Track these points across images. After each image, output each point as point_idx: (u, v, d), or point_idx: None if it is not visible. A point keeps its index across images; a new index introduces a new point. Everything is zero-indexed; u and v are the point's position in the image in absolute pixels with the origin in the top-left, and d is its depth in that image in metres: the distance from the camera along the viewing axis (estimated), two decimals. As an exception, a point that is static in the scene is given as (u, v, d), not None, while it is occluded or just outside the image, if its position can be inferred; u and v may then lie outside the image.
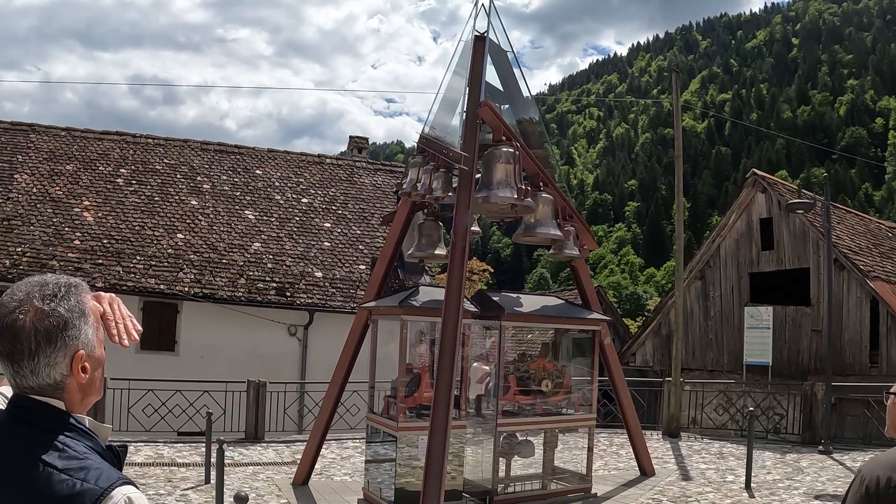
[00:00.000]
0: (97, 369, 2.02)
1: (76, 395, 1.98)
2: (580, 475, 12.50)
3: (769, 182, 26.28)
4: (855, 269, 22.76)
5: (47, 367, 1.91)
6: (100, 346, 2.04)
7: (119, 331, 2.12)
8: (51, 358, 1.91)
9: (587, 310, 12.88)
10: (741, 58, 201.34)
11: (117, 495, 1.80)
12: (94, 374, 2.01)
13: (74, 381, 1.96)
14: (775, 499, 11.97)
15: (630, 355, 29.04)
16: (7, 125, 26.00)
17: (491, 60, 11.45)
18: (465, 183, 10.00)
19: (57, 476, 1.79)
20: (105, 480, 1.81)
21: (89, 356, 1.98)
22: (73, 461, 1.83)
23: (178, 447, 15.12)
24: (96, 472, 1.83)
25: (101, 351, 2.04)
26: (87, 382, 1.99)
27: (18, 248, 21.49)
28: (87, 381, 1.99)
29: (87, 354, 1.97)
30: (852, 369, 22.52)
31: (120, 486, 1.82)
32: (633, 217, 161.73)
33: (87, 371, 1.98)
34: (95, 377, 2.02)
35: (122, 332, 2.12)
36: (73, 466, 1.81)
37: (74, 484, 1.78)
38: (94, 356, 2.00)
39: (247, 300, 22.59)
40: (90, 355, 1.98)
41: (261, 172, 27.67)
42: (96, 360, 2.01)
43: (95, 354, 2.01)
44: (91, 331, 2.00)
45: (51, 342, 1.91)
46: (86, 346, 1.97)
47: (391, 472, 10.52)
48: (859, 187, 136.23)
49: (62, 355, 1.92)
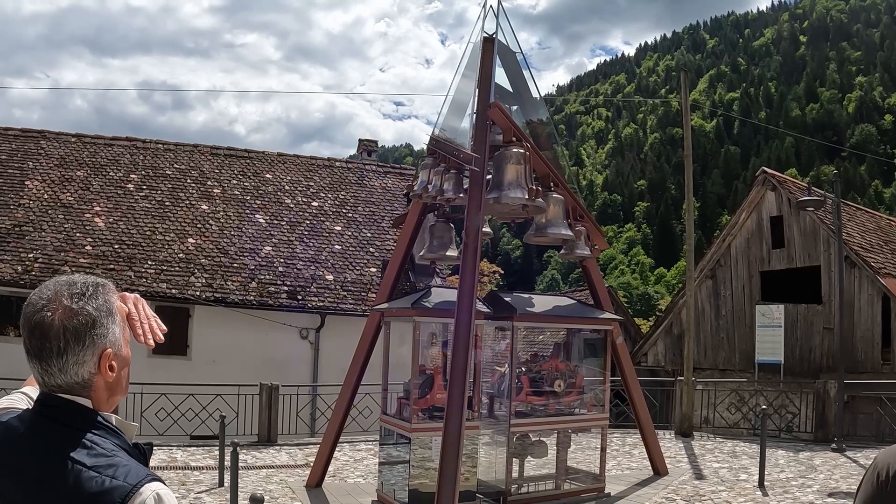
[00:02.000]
0: (124, 368, 2.06)
1: (103, 393, 2.00)
2: (593, 475, 12.51)
3: (779, 180, 26.23)
4: (866, 266, 22.69)
5: (76, 365, 1.93)
6: (126, 346, 2.06)
7: (144, 330, 2.14)
8: (79, 356, 1.93)
9: (599, 309, 12.88)
10: (749, 56, 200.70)
11: (146, 491, 1.82)
12: (121, 373, 2.04)
13: (102, 379, 1.98)
14: (789, 497, 11.95)
15: (641, 355, 28.99)
16: (17, 132, 26.14)
17: (500, 62, 11.45)
18: (476, 184, 10.01)
19: (86, 473, 1.81)
20: (134, 477, 1.83)
21: (116, 355, 2.01)
22: (101, 458, 1.85)
23: (191, 451, 15.17)
24: (125, 468, 1.85)
25: (128, 350, 2.07)
26: (114, 381, 2.02)
27: (30, 254, 21.59)
28: (114, 380, 2.02)
29: (114, 353, 2.00)
30: (864, 367, 22.44)
31: (149, 482, 1.84)
32: (642, 217, 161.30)
33: (115, 370, 2.01)
34: (122, 376, 2.05)
35: (147, 332, 2.15)
36: (102, 464, 1.83)
37: (104, 481, 1.80)
38: (121, 355, 2.03)
39: (258, 304, 22.62)
40: (117, 354, 2.01)
41: (271, 176, 27.72)
42: (123, 360, 2.04)
43: (122, 353, 2.04)
44: (118, 330, 2.03)
45: (79, 340, 1.93)
46: (113, 345, 2.00)
47: (405, 473, 10.54)
48: (869, 184, 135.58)
49: (90, 354, 1.94)
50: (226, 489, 11.01)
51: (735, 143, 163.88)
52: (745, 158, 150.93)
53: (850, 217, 25.47)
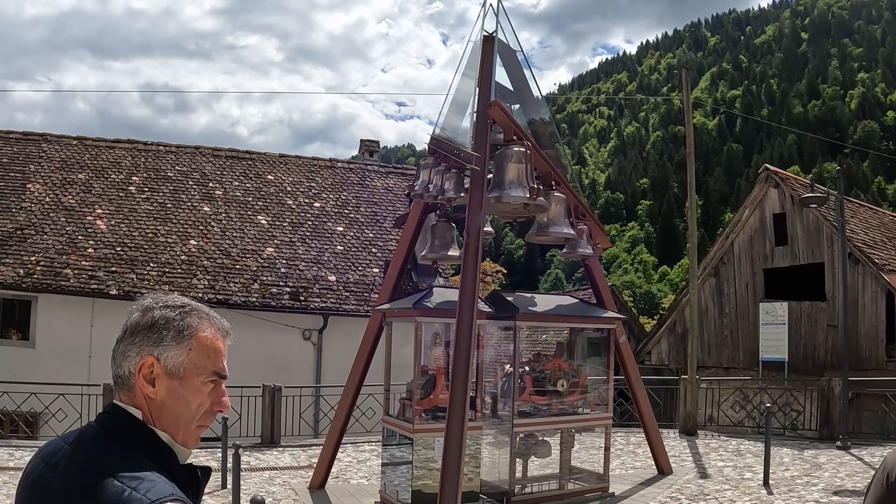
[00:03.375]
0: (175, 398, 1.97)
1: (149, 407, 1.96)
2: (597, 474, 12.47)
3: (782, 177, 26.17)
4: (870, 262, 22.63)
5: (122, 356, 1.98)
6: (190, 378, 1.99)
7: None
8: (127, 348, 1.98)
9: (602, 308, 12.84)
10: (750, 54, 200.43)
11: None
12: (171, 400, 1.97)
13: (142, 389, 1.95)
14: (794, 495, 11.90)
15: (645, 354, 28.95)
16: (19, 135, 26.14)
17: (500, 60, 11.42)
18: (477, 183, 9.98)
19: (110, 481, 1.77)
20: (155, 494, 1.76)
21: (165, 374, 1.96)
22: (131, 470, 1.81)
23: (193, 452, 15.09)
24: (150, 483, 1.79)
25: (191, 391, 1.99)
26: (159, 403, 1.96)
27: (32, 257, 21.57)
28: (159, 402, 1.96)
29: (161, 368, 1.96)
30: (869, 364, 22.39)
31: (169, 500, 1.77)
32: (645, 216, 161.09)
33: (155, 385, 1.95)
34: (174, 407, 1.98)
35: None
36: (128, 475, 1.79)
37: (124, 491, 1.75)
38: (172, 378, 1.97)
39: (261, 305, 22.60)
40: (167, 374, 1.96)
41: (272, 177, 27.70)
42: (174, 387, 1.97)
43: (174, 378, 1.97)
44: (178, 353, 1.98)
45: (134, 334, 1.98)
46: (162, 359, 1.96)
47: (407, 474, 10.50)
48: (872, 181, 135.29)
49: (135, 351, 1.96)
50: (229, 491, 10.98)
51: (737, 140, 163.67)
52: (748, 156, 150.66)
53: (854, 213, 25.42)
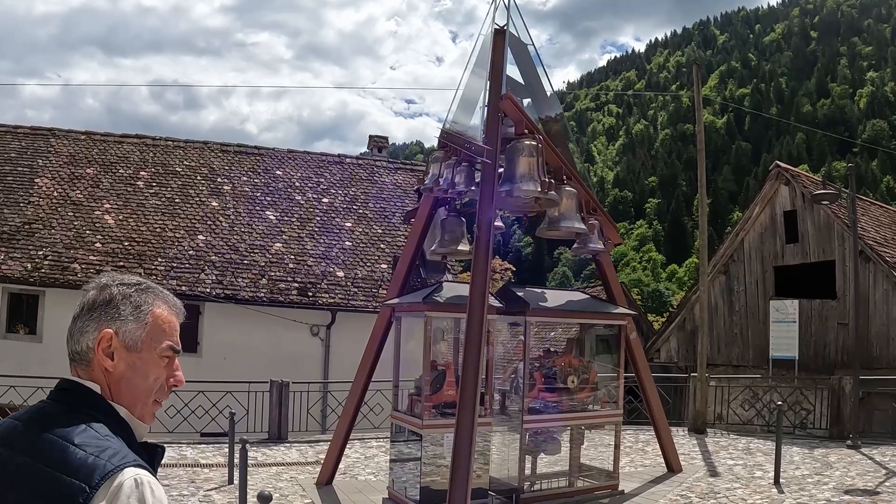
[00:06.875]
0: (133, 371, 2.00)
1: (108, 381, 1.98)
2: (607, 472, 12.37)
3: (792, 174, 26.01)
4: (881, 260, 22.46)
5: (80, 332, 2.00)
6: (146, 352, 2.02)
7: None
8: (85, 324, 2.00)
9: (613, 305, 12.74)
10: (759, 52, 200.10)
11: (127, 473, 1.76)
12: (129, 373, 1.99)
13: (101, 362, 1.97)
14: (805, 494, 11.79)
15: (654, 351, 28.81)
16: (27, 130, 26.15)
17: (511, 54, 11.31)
18: (488, 177, 9.87)
19: (72, 449, 1.79)
20: (118, 459, 1.79)
21: (123, 347, 1.98)
22: (92, 439, 1.82)
23: (201, 448, 15.09)
24: (112, 451, 1.80)
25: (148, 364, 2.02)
26: (118, 377, 1.98)
27: (40, 251, 21.56)
28: (118, 376, 1.98)
29: (119, 342, 1.98)
30: (880, 362, 22.23)
31: (133, 466, 1.79)
32: (654, 214, 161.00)
33: (114, 358, 1.97)
34: (132, 379, 2.00)
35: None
36: (91, 443, 1.81)
37: (87, 458, 1.77)
38: (130, 352, 2.00)
39: (269, 300, 22.57)
40: (125, 347, 1.98)
41: (281, 173, 27.67)
42: (132, 360, 2.00)
43: (132, 351, 2.00)
44: (136, 328, 2.01)
45: (92, 310, 2.01)
46: (121, 333, 1.98)
47: (416, 470, 10.42)
48: (881, 180, 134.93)
49: (93, 326, 1.98)
50: (235, 486, 10.91)
51: (746, 139, 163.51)
52: (757, 154, 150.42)
53: (864, 211, 25.25)
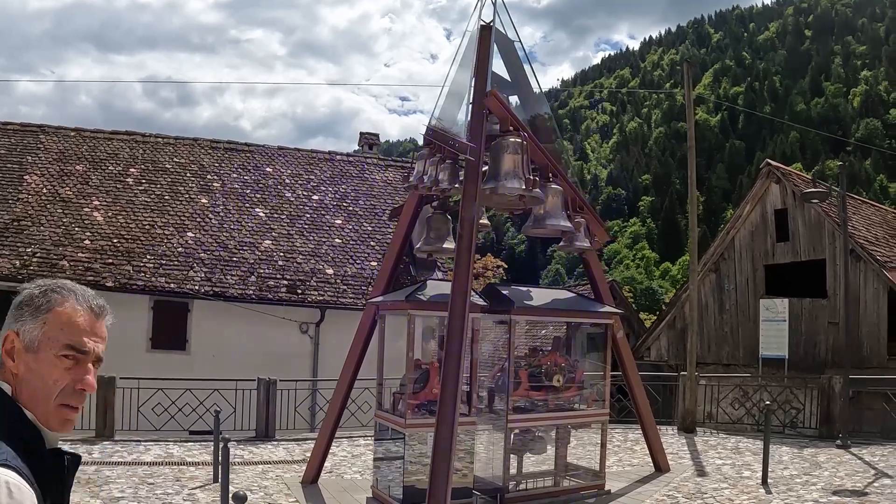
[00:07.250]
0: (30, 372, 1.96)
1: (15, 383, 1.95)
2: (593, 471, 12.31)
3: (783, 172, 26.00)
4: (872, 259, 22.47)
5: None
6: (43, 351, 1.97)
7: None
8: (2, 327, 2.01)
9: (599, 303, 12.69)
10: (754, 50, 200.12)
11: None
12: (27, 374, 1.95)
13: (6, 363, 1.95)
14: (792, 494, 11.75)
15: (645, 350, 28.82)
16: (17, 126, 26.01)
17: (498, 50, 11.26)
18: (471, 174, 9.83)
19: None
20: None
21: (22, 348, 1.96)
22: None
23: (188, 446, 15.02)
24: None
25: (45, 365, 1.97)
26: (21, 379, 1.95)
27: (28, 248, 21.42)
28: (21, 378, 1.95)
29: (20, 342, 1.96)
30: (870, 362, 22.24)
31: None
32: (647, 212, 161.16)
33: (14, 360, 1.95)
34: (31, 381, 1.95)
35: None
36: None
37: None
38: (28, 353, 1.96)
39: (258, 298, 22.47)
40: (24, 348, 1.96)
41: (271, 170, 27.57)
42: (27, 361, 1.96)
43: (29, 352, 1.96)
44: (33, 327, 1.98)
45: (8, 313, 2.02)
46: (21, 333, 1.96)
47: (400, 469, 10.37)
48: (874, 179, 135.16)
49: (4, 328, 2.00)
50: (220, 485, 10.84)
51: (740, 137, 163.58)
52: (750, 153, 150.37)
53: (856, 210, 25.26)
